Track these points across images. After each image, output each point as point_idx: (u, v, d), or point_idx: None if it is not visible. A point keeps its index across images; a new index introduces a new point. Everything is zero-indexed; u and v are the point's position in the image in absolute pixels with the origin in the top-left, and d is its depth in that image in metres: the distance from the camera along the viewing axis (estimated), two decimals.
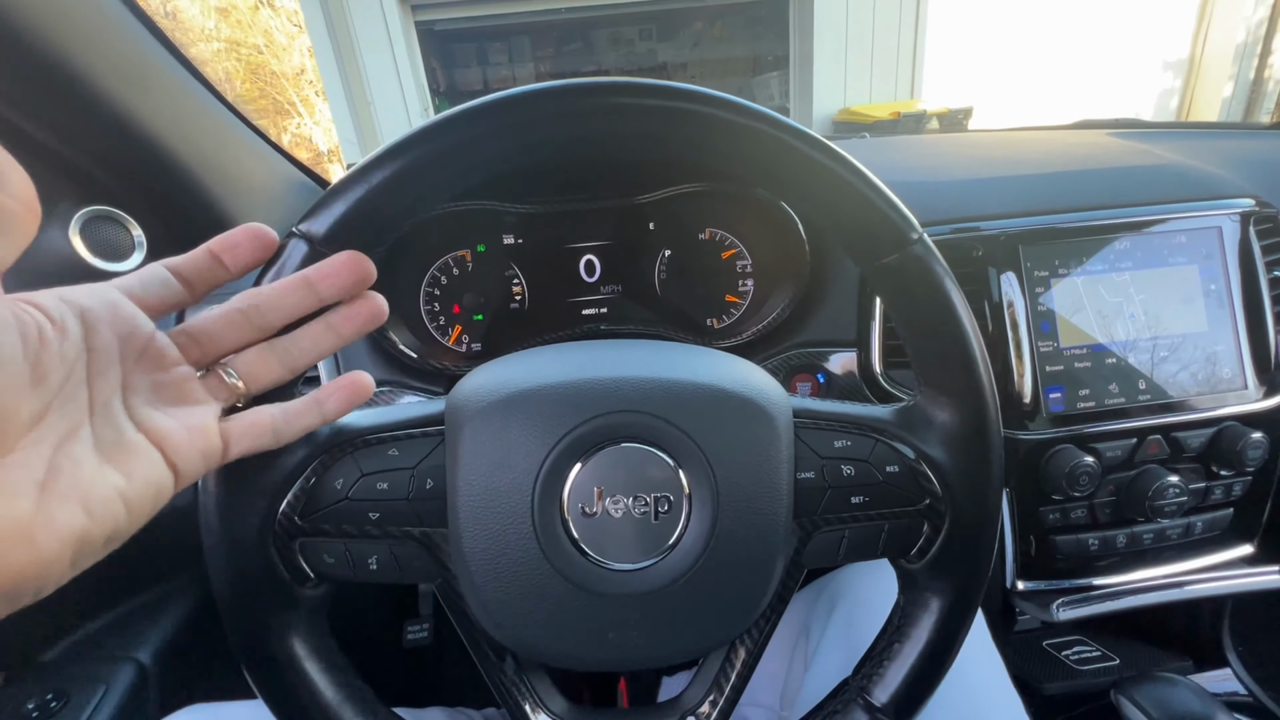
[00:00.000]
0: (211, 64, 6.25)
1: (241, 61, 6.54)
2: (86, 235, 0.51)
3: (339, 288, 0.27)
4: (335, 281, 0.27)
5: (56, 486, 0.20)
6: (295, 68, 6.65)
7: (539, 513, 0.31)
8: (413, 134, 0.29)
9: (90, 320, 0.23)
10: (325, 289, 0.27)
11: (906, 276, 0.33)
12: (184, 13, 6.23)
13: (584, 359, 0.35)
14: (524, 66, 4.99)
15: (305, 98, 6.61)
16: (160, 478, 0.23)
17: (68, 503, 0.20)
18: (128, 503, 0.22)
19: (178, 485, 0.25)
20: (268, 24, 6.54)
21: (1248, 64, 4.41)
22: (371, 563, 0.33)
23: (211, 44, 6.38)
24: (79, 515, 0.20)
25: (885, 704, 0.35)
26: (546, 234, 0.63)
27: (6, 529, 0.19)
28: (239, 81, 6.51)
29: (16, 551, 0.19)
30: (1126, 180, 0.63)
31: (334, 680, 0.33)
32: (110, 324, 0.23)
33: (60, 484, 0.20)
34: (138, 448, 0.23)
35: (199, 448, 0.25)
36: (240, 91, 6.46)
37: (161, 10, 5.82)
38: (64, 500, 0.20)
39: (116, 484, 0.22)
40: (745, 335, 0.62)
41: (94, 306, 0.23)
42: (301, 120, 6.57)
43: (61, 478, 0.20)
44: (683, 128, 0.30)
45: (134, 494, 0.22)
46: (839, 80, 4.23)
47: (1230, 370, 0.59)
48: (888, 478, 0.35)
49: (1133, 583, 0.61)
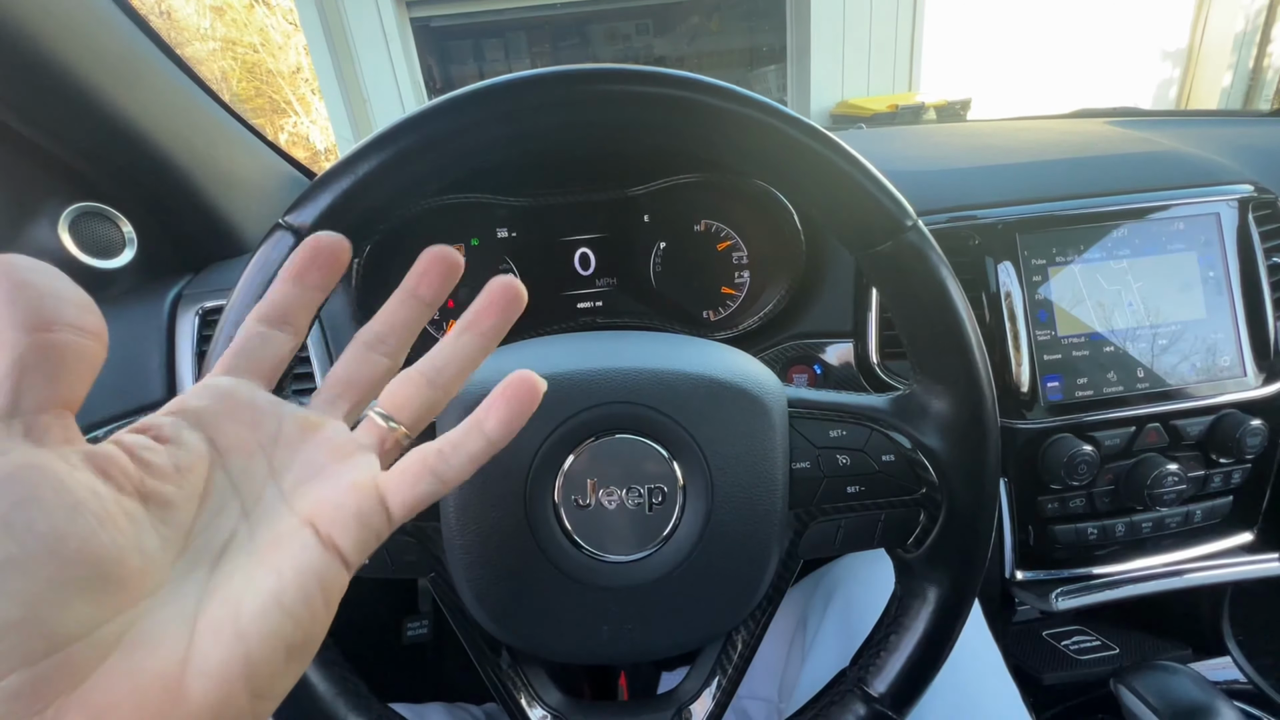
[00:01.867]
0: (207, 63, 6.24)
1: (237, 60, 6.52)
2: (76, 232, 0.51)
3: (433, 286, 0.24)
4: (428, 280, 0.24)
5: (208, 616, 0.17)
6: (291, 66, 6.63)
7: (531, 505, 0.31)
8: (399, 123, 0.29)
9: (208, 420, 0.20)
10: (424, 290, 0.24)
11: (901, 264, 0.32)
12: (179, 11, 6.22)
13: (576, 350, 0.34)
14: (520, 62, 4.98)
15: (302, 96, 6.59)
16: (315, 561, 0.19)
17: (220, 633, 0.17)
18: (287, 606, 0.18)
19: (347, 566, 0.20)
20: (263, 22, 6.52)
21: (1246, 53, 4.39)
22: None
23: (207, 43, 6.36)
24: (231, 645, 0.17)
25: (883, 694, 0.35)
26: (540, 227, 0.63)
27: (151, 688, 0.16)
28: (235, 80, 6.50)
29: (169, 712, 0.16)
30: (1124, 167, 0.63)
31: (328, 675, 0.33)
32: (231, 415, 0.21)
33: (213, 611, 0.17)
34: (285, 534, 0.20)
35: (352, 508, 0.21)
36: (236, 90, 6.45)
37: (156, 9, 5.80)
38: (216, 632, 0.17)
39: (268, 587, 0.18)
40: (741, 327, 0.62)
41: (204, 404, 0.21)
42: (298, 119, 6.56)
43: (214, 603, 0.18)
44: (671, 114, 0.30)
45: (291, 592, 0.18)
46: (836, 73, 4.22)
47: (1229, 357, 0.59)
48: (884, 467, 0.34)
49: (1132, 572, 0.61)
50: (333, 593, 0.20)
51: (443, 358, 0.24)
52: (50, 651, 0.15)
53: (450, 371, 0.24)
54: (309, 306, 0.24)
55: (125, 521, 0.16)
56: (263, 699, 0.18)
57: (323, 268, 0.23)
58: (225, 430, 0.21)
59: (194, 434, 0.20)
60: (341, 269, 0.24)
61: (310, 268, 0.23)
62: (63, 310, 0.16)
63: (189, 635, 0.17)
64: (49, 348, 0.16)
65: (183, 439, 0.19)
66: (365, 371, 0.24)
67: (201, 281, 0.59)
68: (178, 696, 0.16)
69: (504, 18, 4.42)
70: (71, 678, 0.15)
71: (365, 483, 0.22)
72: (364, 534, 0.21)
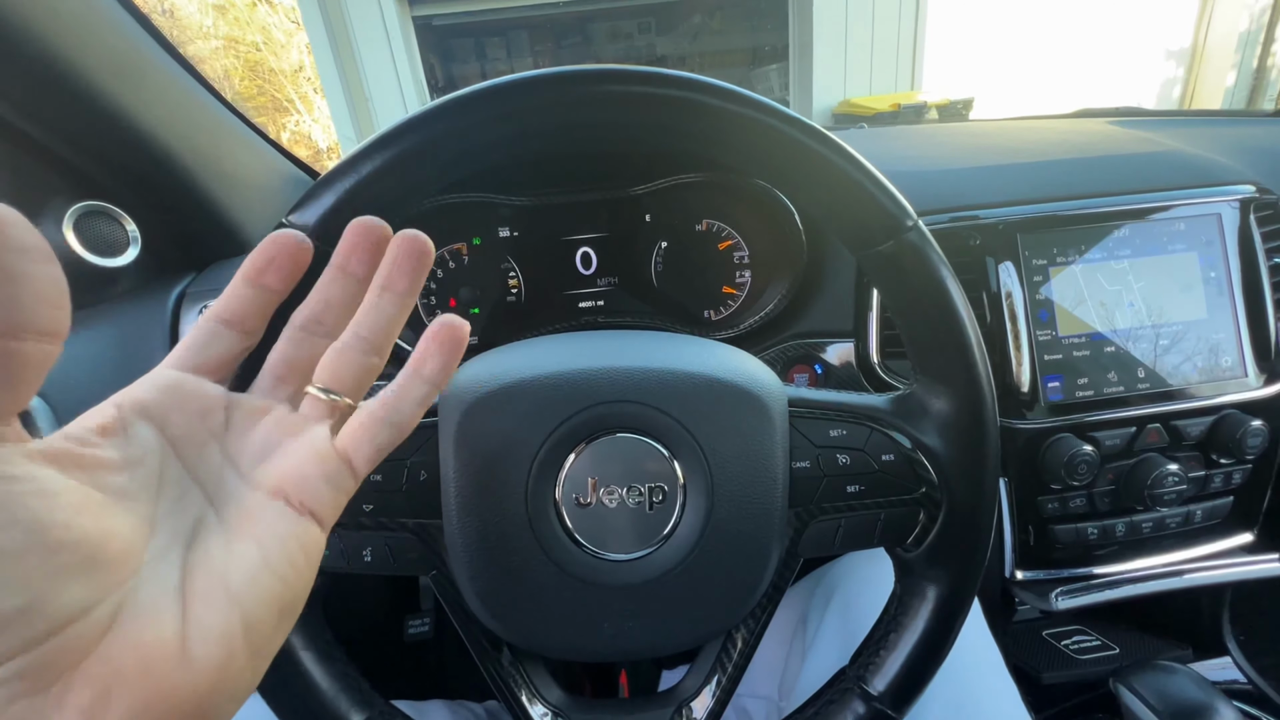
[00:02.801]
0: (210, 61, 6.25)
1: (240, 59, 6.53)
2: (80, 231, 0.51)
3: (363, 260, 0.25)
4: (358, 254, 0.25)
5: (194, 587, 0.19)
6: (294, 65, 6.63)
7: (533, 503, 0.31)
8: (402, 123, 0.29)
9: (155, 412, 0.21)
10: (355, 266, 0.25)
11: (901, 264, 0.32)
12: (181, 10, 6.22)
13: (578, 349, 0.35)
14: (523, 61, 4.97)
15: (304, 95, 6.60)
16: (293, 527, 0.21)
17: (211, 600, 0.19)
18: (274, 569, 0.20)
19: (322, 526, 0.22)
20: (265, 21, 6.52)
21: (1250, 52, 4.37)
22: (366, 554, 0.33)
23: (209, 41, 6.36)
24: (226, 609, 0.19)
25: (882, 693, 0.35)
26: (542, 226, 0.63)
27: (154, 654, 0.17)
28: (237, 79, 6.50)
29: (176, 675, 0.17)
30: (1125, 167, 0.63)
31: (330, 671, 0.33)
32: (179, 407, 0.22)
33: (198, 583, 0.19)
34: (256, 509, 0.21)
35: (318, 475, 0.22)
36: (239, 89, 6.46)
37: (159, 8, 5.81)
38: (207, 599, 0.19)
39: (251, 556, 0.20)
40: (742, 327, 0.62)
41: (151, 397, 0.21)
42: (301, 117, 6.56)
43: (198, 576, 0.19)
44: (672, 115, 0.30)
45: (275, 557, 0.20)
46: (839, 72, 4.20)
47: (1230, 358, 0.59)
48: (883, 466, 0.34)
49: (1132, 572, 0.61)
50: (313, 554, 0.22)
51: (368, 324, 0.25)
52: (51, 633, 0.15)
53: (379, 335, 0.25)
54: (263, 308, 0.24)
55: (97, 508, 0.17)
56: (259, 656, 0.20)
57: (279, 270, 0.24)
58: (173, 421, 0.21)
59: (144, 426, 0.21)
60: (301, 270, 0.25)
61: (267, 269, 0.24)
62: (36, 316, 0.15)
63: (181, 606, 0.18)
64: (11, 357, 0.15)
65: (130, 431, 0.20)
66: (304, 353, 0.25)
67: (205, 280, 0.59)
68: (182, 660, 0.17)
69: (506, 16, 4.42)
70: (74, 655, 0.16)
71: (324, 449, 0.23)
72: (335, 495, 0.23)
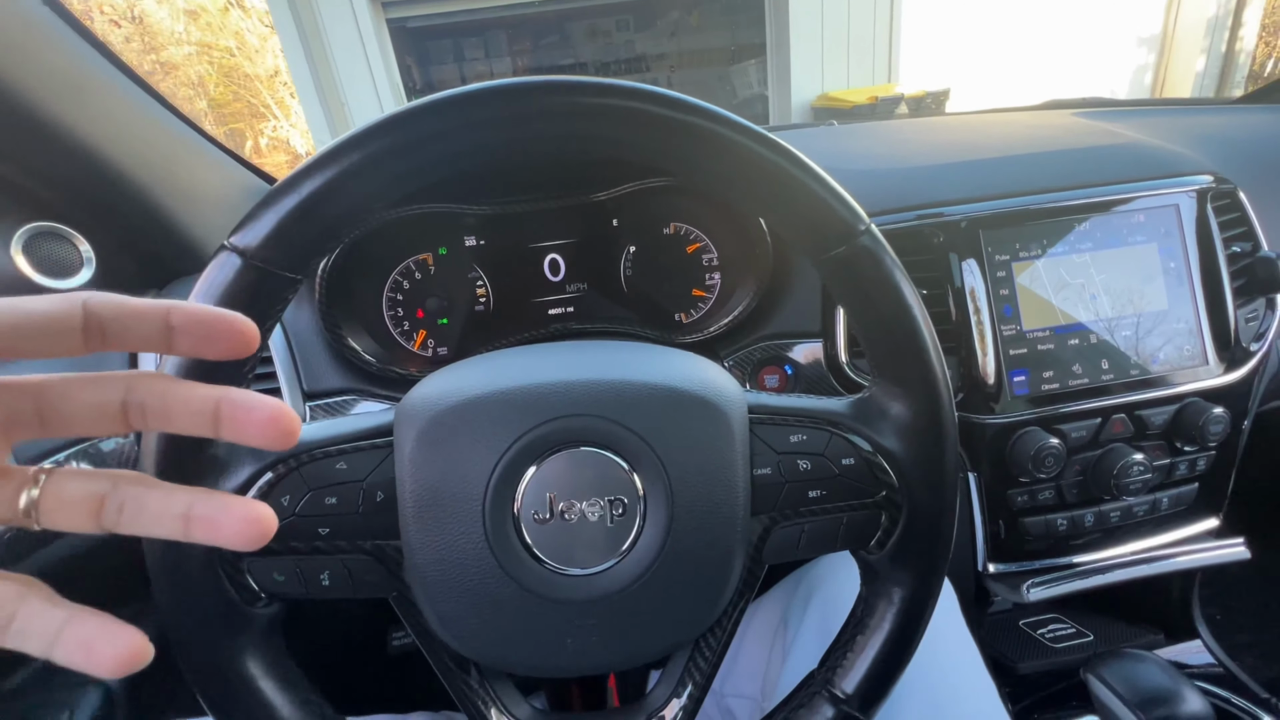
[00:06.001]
0: (183, 68, 6.14)
1: (214, 65, 6.42)
2: (30, 253, 0.50)
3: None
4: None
5: None
6: (269, 70, 6.53)
7: (491, 521, 0.31)
8: (344, 140, 0.29)
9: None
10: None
11: (856, 269, 0.32)
12: (151, 16, 6.10)
13: (533, 363, 0.34)
14: (501, 61, 4.93)
15: (280, 100, 6.50)
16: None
17: None
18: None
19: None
20: (238, 26, 6.41)
21: (1219, 37, 4.45)
22: (324, 578, 0.32)
23: (182, 47, 6.25)
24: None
25: (850, 695, 0.35)
26: (508, 234, 0.63)
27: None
28: (212, 85, 6.39)
29: None
30: (1086, 161, 0.63)
31: (291, 698, 0.33)
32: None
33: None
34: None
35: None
36: (214, 95, 6.35)
37: (129, 14, 5.70)
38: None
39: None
40: (713, 329, 0.62)
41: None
42: (278, 123, 6.47)
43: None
44: (617, 126, 0.29)
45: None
46: (816, 66, 4.22)
47: (1191, 347, 0.60)
48: (844, 471, 0.35)
49: (1102, 561, 0.62)
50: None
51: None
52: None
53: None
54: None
55: None
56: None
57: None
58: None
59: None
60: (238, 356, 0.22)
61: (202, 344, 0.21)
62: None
63: None
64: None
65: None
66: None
67: (165, 298, 0.58)
68: None
69: (482, 17, 4.38)
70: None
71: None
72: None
